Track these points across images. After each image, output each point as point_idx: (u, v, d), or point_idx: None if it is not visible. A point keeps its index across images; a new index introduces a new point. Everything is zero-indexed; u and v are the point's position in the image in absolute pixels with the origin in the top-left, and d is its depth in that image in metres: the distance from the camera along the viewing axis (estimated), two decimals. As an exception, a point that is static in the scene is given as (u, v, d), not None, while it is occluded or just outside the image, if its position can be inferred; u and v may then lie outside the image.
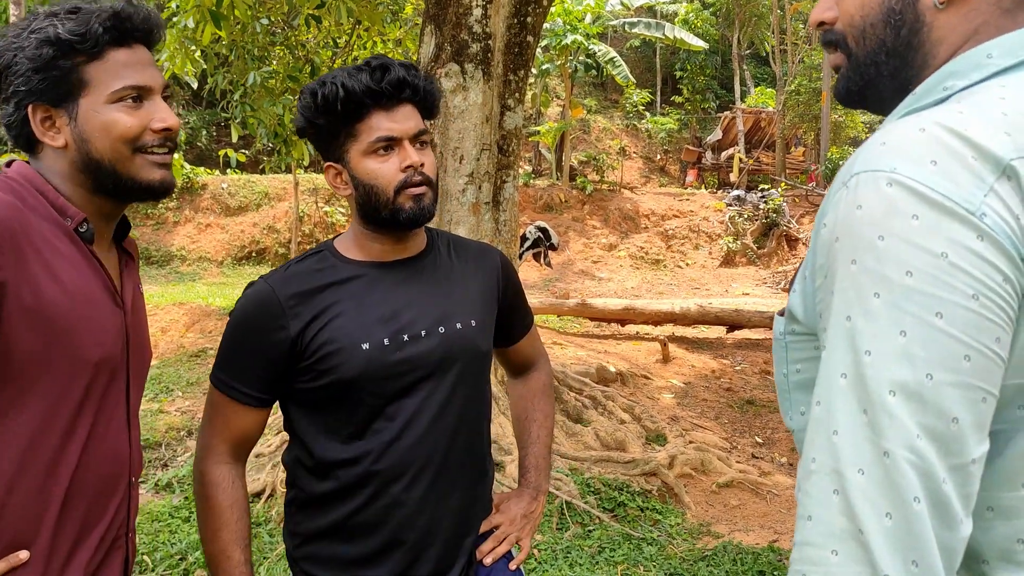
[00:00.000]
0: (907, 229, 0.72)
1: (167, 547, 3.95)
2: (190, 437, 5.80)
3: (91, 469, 1.29)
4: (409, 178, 1.49)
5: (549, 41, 19.02)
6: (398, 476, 1.51)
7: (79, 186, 1.31)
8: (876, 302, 0.73)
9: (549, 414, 1.86)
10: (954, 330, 0.71)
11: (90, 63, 1.27)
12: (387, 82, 1.47)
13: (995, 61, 0.81)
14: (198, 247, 17.42)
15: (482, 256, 1.72)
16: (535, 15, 5.35)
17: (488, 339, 1.65)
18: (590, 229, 18.88)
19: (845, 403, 0.75)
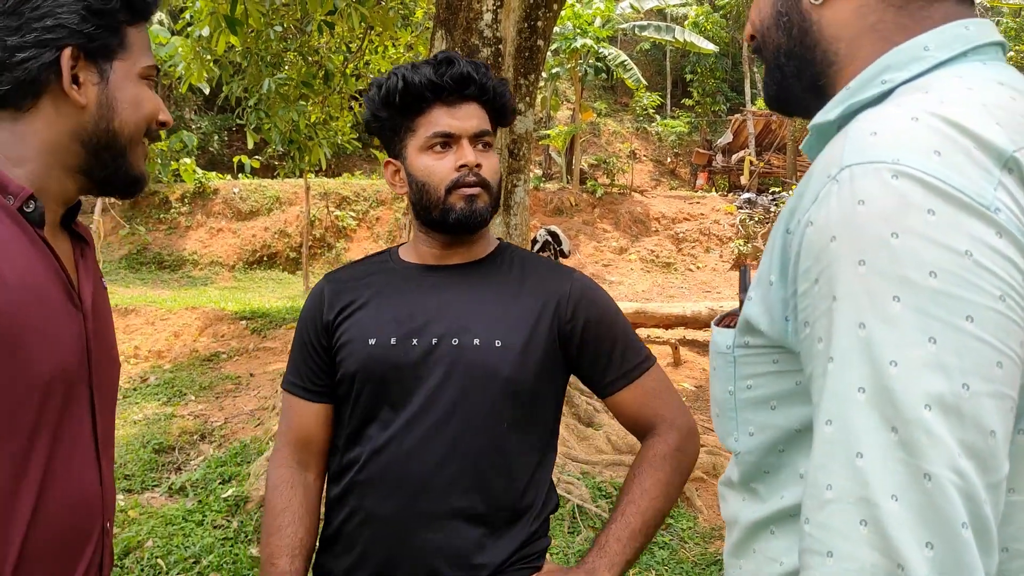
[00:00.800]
0: (924, 225, 0.66)
1: (181, 551, 3.97)
2: (203, 441, 5.83)
3: (51, 522, 1.01)
4: (463, 177, 1.42)
5: (559, 45, 19.03)
6: (374, 489, 1.42)
7: (59, 160, 1.09)
8: (897, 307, 0.66)
9: (654, 494, 1.43)
10: (986, 335, 0.65)
11: (132, 26, 1.12)
12: (449, 76, 1.41)
13: (933, 54, 0.79)
14: (210, 251, 17.49)
15: (548, 278, 1.52)
16: (545, 19, 5.37)
17: (517, 365, 1.42)
18: (600, 232, 18.86)
19: (867, 421, 0.66)
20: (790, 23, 0.90)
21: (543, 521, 1.51)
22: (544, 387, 1.48)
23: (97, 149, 1.10)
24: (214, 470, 5.10)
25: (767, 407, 0.87)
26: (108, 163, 1.12)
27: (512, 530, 1.44)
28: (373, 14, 5.75)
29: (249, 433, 5.85)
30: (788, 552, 0.84)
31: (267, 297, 13.47)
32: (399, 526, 1.40)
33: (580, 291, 1.50)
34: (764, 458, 0.88)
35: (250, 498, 4.63)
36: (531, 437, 1.47)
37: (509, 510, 1.44)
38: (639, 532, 1.40)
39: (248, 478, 4.89)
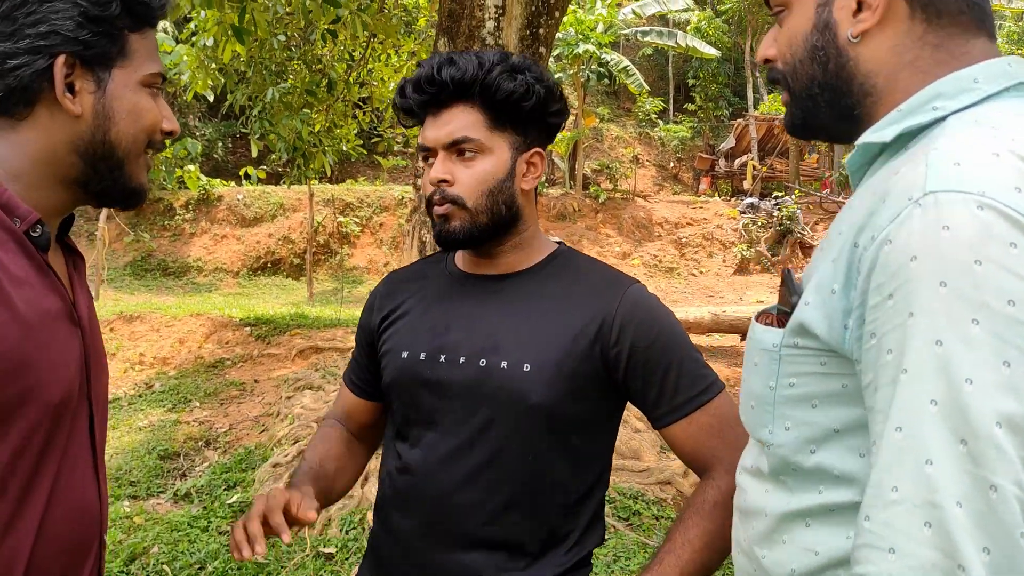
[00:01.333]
0: (1006, 257, 0.71)
1: (186, 556, 3.98)
2: (208, 447, 5.85)
3: (55, 535, 1.02)
4: (435, 195, 1.31)
5: (561, 50, 19.08)
6: (397, 506, 1.38)
7: (54, 172, 1.05)
8: (975, 329, 0.71)
9: (697, 546, 1.23)
10: None
11: (134, 32, 1.07)
12: (415, 85, 1.31)
13: (982, 87, 0.85)
14: (214, 258, 17.56)
15: (596, 293, 1.35)
16: (547, 27, 5.39)
17: (547, 391, 1.28)
18: (603, 238, 18.89)
19: (938, 432, 0.71)
20: (826, 57, 0.95)
21: (585, 555, 1.37)
22: (585, 414, 1.33)
23: (94, 160, 1.06)
24: (219, 476, 5.11)
25: (808, 404, 0.91)
26: (105, 175, 1.08)
27: (538, 562, 1.32)
28: (376, 22, 5.79)
29: (254, 439, 5.87)
30: (824, 543, 0.89)
31: (271, 303, 13.51)
32: (417, 546, 1.35)
33: (630, 309, 1.32)
34: (795, 454, 0.92)
35: (255, 504, 4.65)
36: (566, 467, 1.33)
37: (535, 543, 1.32)
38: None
39: (253, 484, 4.91)
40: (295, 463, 5.01)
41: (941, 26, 0.89)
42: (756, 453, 1.01)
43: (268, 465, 5.06)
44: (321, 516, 4.48)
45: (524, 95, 1.29)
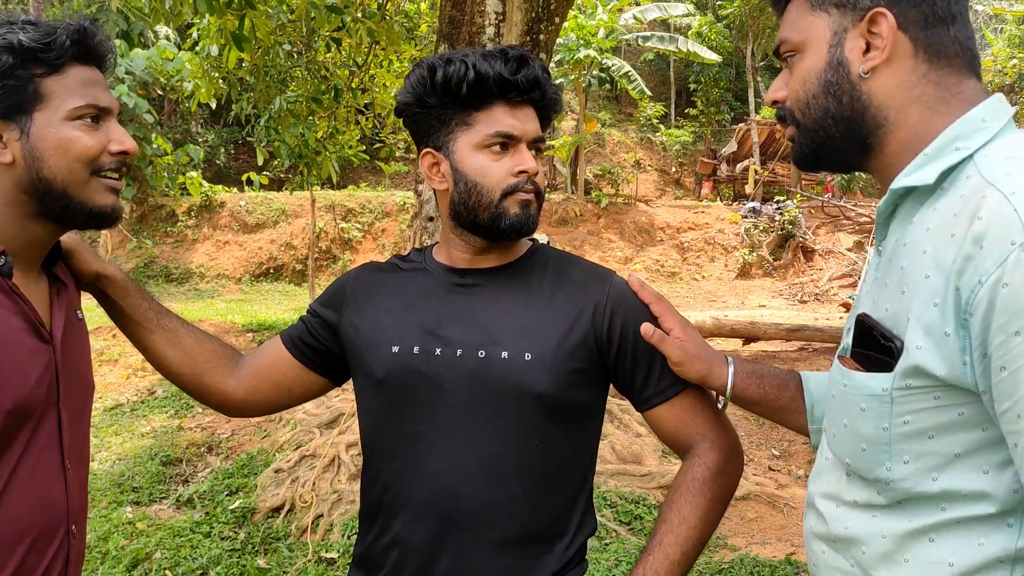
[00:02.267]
0: None
1: (189, 562, 4.00)
2: (210, 453, 5.87)
3: (13, 523, 1.13)
4: (521, 184, 1.33)
5: (563, 56, 19.13)
6: (402, 512, 1.35)
7: (14, 210, 1.20)
8: None
9: (693, 522, 1.31)
10: None
11: (49, 76, 1.18)
12: (523, 76, 1.31)
13: (990, 125, 0.99)
14: (216, 264, 17.61)
15: (585, 283, 1.40)
16: (547, 33, 5.42)
17: (549, 379, 1.31)
18: (606, 242, 18.91)
19: None
20: (840, 91, 1.06)
21: (580, 546, 1.40)
22: (580, 401, 1.37)
23: (39, 195, 1.19)
24: (221, 482, 5.13)
25: (925, 437, 0.98)
26: (54, 206, 1.20)
27: (546, 557, 1.34)
28: (379, 29, 5.82)
29: (256, 445, 5.88)
30: (957, 554, 0.97)
31: (273, 309, 13.54)
32: (428, 552, 1.33)
33: (619, 297, 1.38)
34: (918, 484, 1.00)
35: (257, 509, 4.68)
36: (566, 456, 1.37)
37: (543, 535, 1.34)
38: (678, 564, 1.28)
39: (255, 490, 4.93)
40: (297, 469, 5.02)
41: (940, 66, 1.02)
42: (846, 483, 1.09)
43: (270, 471, 5.08)
44: (323, 522, 4.49)
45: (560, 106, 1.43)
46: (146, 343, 1.49)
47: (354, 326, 1.44)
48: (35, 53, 1.16)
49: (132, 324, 1.48)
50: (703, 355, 1.35)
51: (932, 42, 1.02)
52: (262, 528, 4.48)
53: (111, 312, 1.48)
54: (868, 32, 1.03)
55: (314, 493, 4.70)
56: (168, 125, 21.72)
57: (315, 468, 4.92)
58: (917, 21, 1.02)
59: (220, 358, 1.52)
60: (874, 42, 1.03)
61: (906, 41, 1.02)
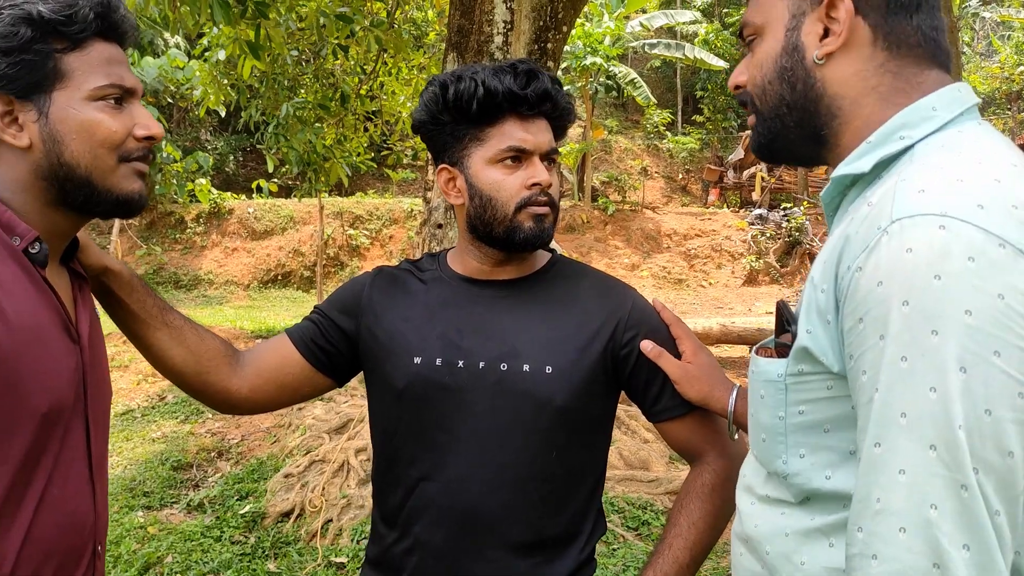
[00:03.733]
0: (964, 270, 0.75)
1: (200, 566, 4.03)
2: (220, 458, 5.91)
3: (45, 541, 1.04)
4: (535, 196, 1.34)
5: (569, 63, 19.18)
6: (422, 517, 1.37)
7: (35, 197, 1.09)
8: (935, 340, 0.75)
9: (702, 527, 1.35)
10: (1010, 368, 0.74)
11: (71, 52, 1.07)
12: (533, 90, 1.32)
13: (940, 114, 0.92)
14: (225, 271, 17.69)
15: (604, 296, 1.43)
16: (555, 41, 5.46)
17: (568, 392, 1.34)
18: (612, 249, 18.93)
19: (909, 442, 0.76)
20: (795, 77, 1.00)
21: (592, 549, 1.44)
22: (596, 411, 1.41)
23: (60, 182, 1.09)
24: (231, 487, 5.16)
25: (820, 430, 0.94)
26: (77, 193, 1.10)
27: (561, 560, 1.38)
28: (387, 37, 5.87)
29: (266, 450, 5.91)
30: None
31: (281, 316, 13.59)
32: (447, 556, 1.35)
33: (640, 315, 1.41)
34: (813, 481, 0.95)
35: (267, 514, 4.70)
36: (582, 463, 1.40)
37: (558, 539, 1.38)
38: (687, 566, 1.32)
39: (265, 494, 4.96)
40: (307, 474, 5.06)
41: (900, 56, 0.96)
42: (774, 484, 1.03)
43: (280, 475, 5.10)
44: (332, 526, 4.52)
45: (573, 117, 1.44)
46: (149, 341, 1.41)
47: (373, 335, 1.45)
48: (56, 26, 1.05)
49: (136, 321, 1.40)
50: (705, 378, 1.36)
51: (892, 30, 0.96)
52: (272, 532, 4.51)
53: (113, 309, 1.40)
54: (827, 16, 0.98)
55: (323, 498, 4.71)
56: (177, 133, 21.85)
57: (324, 473, 4.94)
58: (878, 7, 0.97)
59: (223, 356, 1.48)
60: (832, 27, 0.97)
61: (865, 28, 0.97)
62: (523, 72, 1.33)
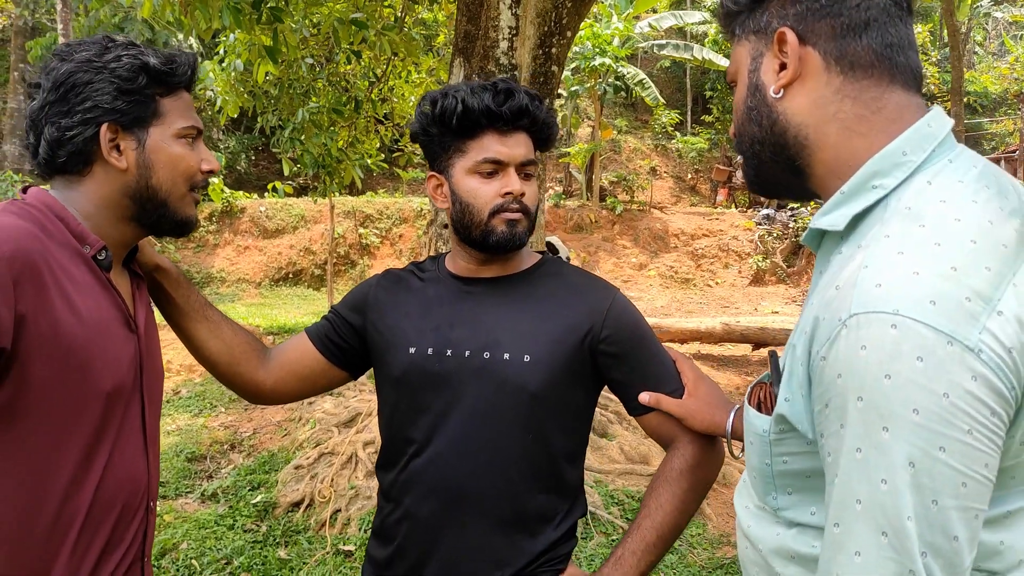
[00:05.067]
0: (911, 370, 0.80)
1: (214, 552, 4.16)
2: (233, 451, 6.06)
3: (108, 497, 1.25)
4: (507, 203, 1.47)
5: (578, 63, 19.24)
6: (413, 490, 1.51)
7: (114, 212, 1.31)
8: (886, 436, 0.81)
9: (668, 509, 1.47)
10: (954, 461, 0.80)
11: (167, 97, 1.32)
12: (508, 107, 1.46)
13: (911, 158, 0.94)
14: (237, 269, 17.83)
15: (583, 294, 1.55)
16: (559, 46, 5.57)
17: (544, 380, 1.46)
18: (620, 249, 19.00)
19: (864, 527, 0.82)
20: (759, 115, 1.05)
21: (571, 527, 1.56)
22: (572, 400, 1.52)
23: (142, 202, 1.32)
24: (244, 478, 5.30)
25: (803, 476, 1.00)
26: (152, 212, 1.33)
27: (539, 535, 1.50)
28: (399, 42, 6.00)
29: (277, 443, 6.06)
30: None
31: (293, 313, 13.73)
32: (433, 527, 1.48)
33: (619, 313, 1.52)
34: (801, 515, 1.02)
35: (278, 504, 4.84)
36: (559, 447, 1.51)
37: (536, 516, 1.49)
38: (653, 546, 1.44)
39: (276, 485, 5.10)
40: (316, 465, 5.20)
41: (856, 78, 0.98)
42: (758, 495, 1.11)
43: (291, 467, 5.24)
44: (341, 516, 4.65)
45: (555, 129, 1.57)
46: (191, 332, 1.61)
47: (377, 329, 1.60)
48: (162, 75, 1.30)
49: (181, 314, 1.60)
50: (706, 408, 1.47)
51: (843, 54, 0.98)
52: (283, 521, 4.64)
53: (162, 303, 1.59)
54: (778, 52, 1.01)
55: (332, 489, 4.84)
56: (190, 132, 21.98)
57: (333, 465, 5.07)
58: (826, 34, 0.98)
59: (253, 350, 1.65)
60: (785, 60, 1.01)
61: (815, 56, 0.99)
62: (501, 91, 1.46)
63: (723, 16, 1.11)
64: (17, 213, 1.21)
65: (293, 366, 1.67)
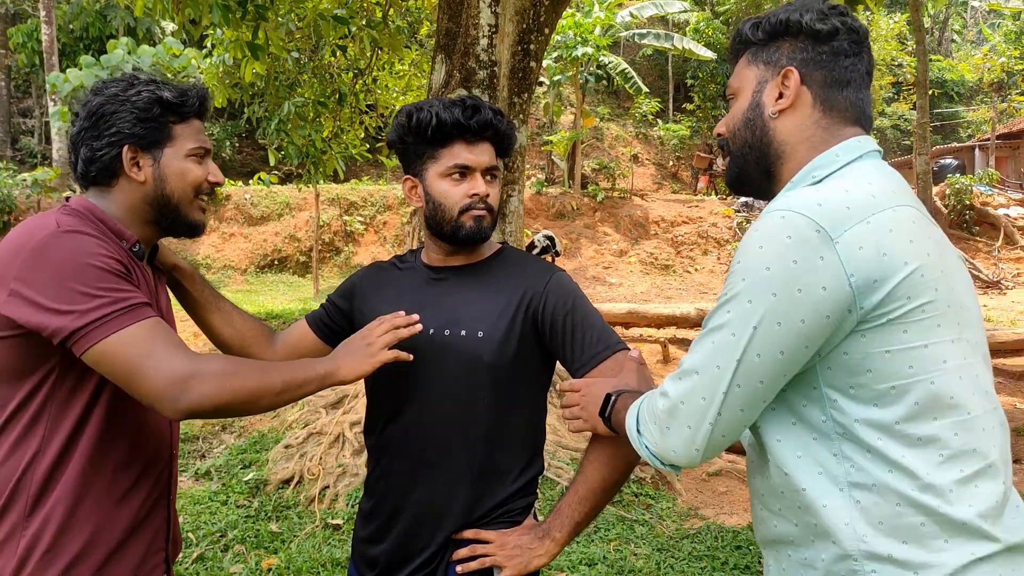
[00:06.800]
0: (779, 243, 1.11)
1: (208, 526, 4.37)
2: (223, 432, 6.27)
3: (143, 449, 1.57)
4: (474, 203, 1.70)
5: (560, 52, 19.33)
6: (389, 450, 1.73)
7: (138, 216, 1.59)
8: (742, 284, 1.14)
9: (596, 464, 1.63)
10: (783, 303, 1.11)
11: (178, 124, 1.60)
12: (475, 120, 1.68)
13: (841, 158, 1.27)
14: (223, 256, 17.87)
15: (528, 276, 1.74)
16: (537, 43, 5.76)
17: (496, 352, 1.66)
18: (601, 236, 19.20)
19: (728, 333, 1.18)
20: (755, 126, 1.35)
21: (528, 482, 1.74)
22: (523, 370, 1.71)
23: (158, 207, 1.60)
24: (235, 457, 5.51)
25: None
26: (167, 216, 1.61)
27: (496, 489, 1.70)
28: (382, 36, 6.18)
29: (266, 424, 6.27)
30: None
31: (279, 299, 13.87)
32: (404, 482, 1.71)
33: (555, 287, 1.71)
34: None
35: (269, 481, 5.05)
36: (512, 411, 1.71)
37: (493, 473, 1.69)
38: (584, 498, 1.61)
39: (267, 464, 5.31)
40: (305, 445, 5.41)
41: (831, 117, 1.31)
42: None
43: (280, 446, 5.45)
44: (329, 492, 4.84)
45: (512, 140, 1.79)
46: (206, 322, 1.88)
47: (362, 313, 1.83)
48: (174, 106, 1.58)
49: (197, 306, 1.87)
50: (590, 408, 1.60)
51: (828, 98, 1.30)
52: (273, 498, 4.84)
53: (180, 295, 1.86)
54: (782, 84, 1.31)
55: (321, 467, 5.04)
56: (174, 119, 21.94)
57: (322, 444, 5.27)
58: (818, 80, 1.30)
59: (261, 334, 1.91)
60: (784, 92, 1.31)
61: (808, 94, 1.30)
62: (470, 106, 1.69)
63: (739, 42, 1.40)
64: (70, 214, 1.50)
65: (295, 347, 1.91)
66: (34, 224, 1.44)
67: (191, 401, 1.37)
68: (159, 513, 1.62)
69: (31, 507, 1.42)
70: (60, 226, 1.41)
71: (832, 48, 1.30)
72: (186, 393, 1.37)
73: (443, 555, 1.68)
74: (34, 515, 1.42)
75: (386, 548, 1.73)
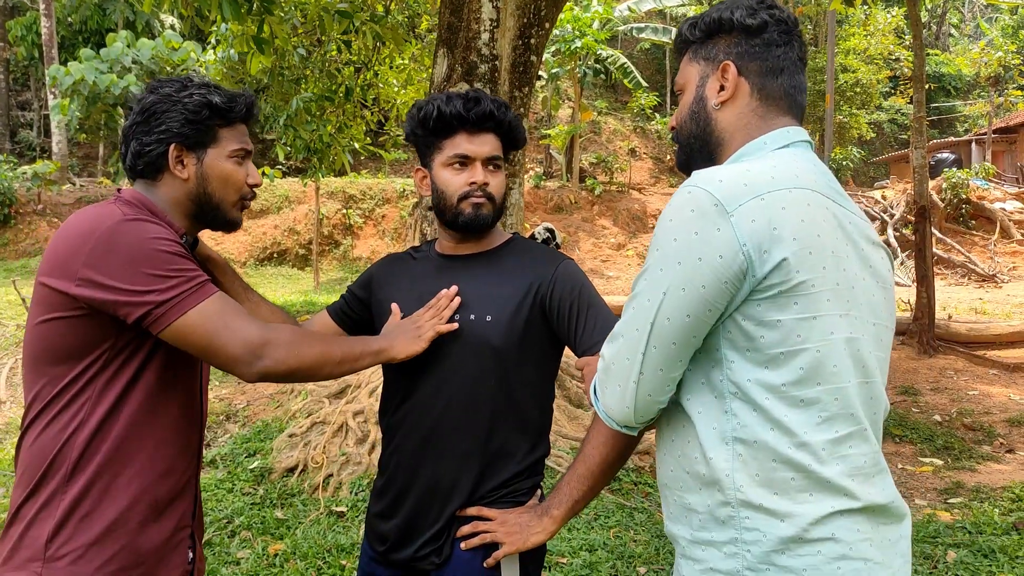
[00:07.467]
0: (684, 216, 1.21)
1: (215, 512, 4.44)
2: (228, 421, 6.32)
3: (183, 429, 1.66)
4: (472, 191, 1.76)
5: (559, 46, 19.36)
6: (401, 428, 1.80)
7: (181, 210, 1.67)
8: (656, 254, 1.24)
9: (595, 444, 1.62)
10: (686, 271, 1.20)
11: (224, 127, 1.67)
12: (475, 112, 1.75)
13: (768, 146, 1.36)
14: (222, 248, 17.85)
15: (537, 263, 1.81)
16: (538, 37, 5.81)
17: (503, 336, 1.73)
18: (599, 229, 19.24)
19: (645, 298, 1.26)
20: (699, 118, 1.43)
21: (533, 463, 1.80)
22: (529, 354, 1.76)
23: (200, 203, 1.68)
24: (240, 446, 5.56)
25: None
26: (208, 214, 1.69)
27: (502, 469, 1.75)
28: (384, 31, 6.23)
29: (270, 414, 6.32)
30: None
31: (279, 292, 13.92)
32: (415, 460, 1.77)
33: (563, 274, 1.78)
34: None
35: (274, 470, 5.10)
36: (520, 394, 1.76)
37: (499, 453, 1.75)
38: (583, 476, 1.62)
39: (271, 452, 5.36)
40: (309, 433, 5.47)
41: (767, 105, 1.39)
42: None
43: (284, 435, 5.51)
44: (333, 480, 4.89)
45: (520, 131, 1.86)
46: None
47: (379, 301, 1.91)
48: (222, 111, 1.66)
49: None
50: None
51: (764, 86, 1.38)
52: (278, 485, 4.90)
53: None
54: (722, 77, 1.39)
55: (325, 455, 5.08)
56: (172, 112, 21.92)
57: (325, 433, 5.31)
58: (754, 71, 1.38)
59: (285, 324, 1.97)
60: (725, 84, 1.39)
61: (746, 84, 1.38)
62: (471, 99, 1.77)
63: (680, 41, 1.49)
64: (127, 204, 1.59)
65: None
66: (95, 213, 1.53)
67: (265, 365, 1.52)
68: (189, 492, 1.69)
69: (70, 474, 1.50)
70: (125, 215, 1.51)
71: (764, 40, 1.39)
72: (261, 359, 1.52)
73: (449, 531, 1.75)
74: (73, 482, 1.50)
75: (396, 523, 1.81)
